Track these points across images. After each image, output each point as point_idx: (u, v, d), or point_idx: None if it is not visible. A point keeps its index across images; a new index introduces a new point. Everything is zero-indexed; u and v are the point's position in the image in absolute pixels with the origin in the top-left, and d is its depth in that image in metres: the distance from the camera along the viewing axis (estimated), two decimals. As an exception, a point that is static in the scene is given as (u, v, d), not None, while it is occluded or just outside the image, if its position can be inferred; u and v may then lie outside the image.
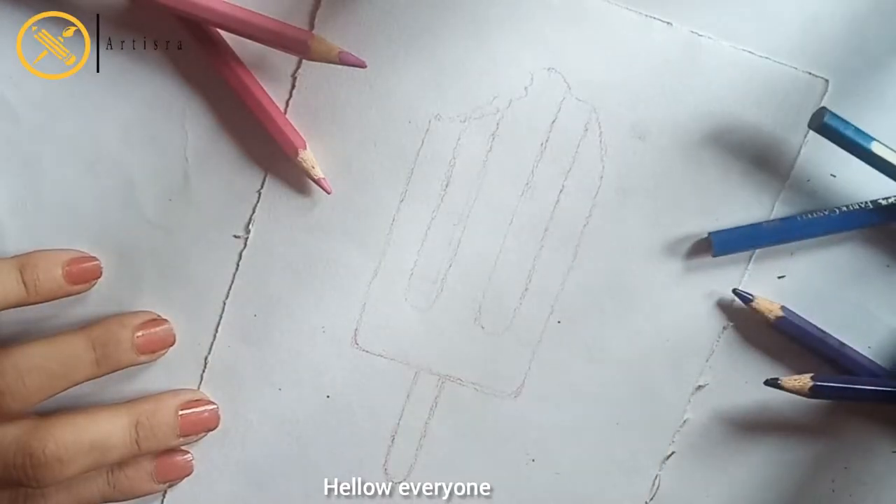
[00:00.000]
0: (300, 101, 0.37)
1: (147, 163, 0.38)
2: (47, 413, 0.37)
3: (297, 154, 0.37)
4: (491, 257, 0.38)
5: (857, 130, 0.35)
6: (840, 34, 0.37)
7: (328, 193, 0.38)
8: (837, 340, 0.39)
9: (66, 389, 0.36)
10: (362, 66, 0.35)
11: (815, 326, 0.39)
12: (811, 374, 0.38)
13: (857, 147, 0.35)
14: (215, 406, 0.39)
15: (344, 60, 0.35)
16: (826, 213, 0.37)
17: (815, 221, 0.37)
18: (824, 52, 0.37)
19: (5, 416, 0.35)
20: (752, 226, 0.38)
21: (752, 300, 0.38)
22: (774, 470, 0.40)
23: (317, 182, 0.37)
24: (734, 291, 0.38)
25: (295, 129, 0.37)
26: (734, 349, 0.39)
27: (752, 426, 0.40)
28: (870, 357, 0.39)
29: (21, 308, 0.36)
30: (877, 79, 0.37)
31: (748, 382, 0.39)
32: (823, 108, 0.35)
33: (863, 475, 0.40)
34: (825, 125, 0.35)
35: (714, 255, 0.38)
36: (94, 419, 0.36)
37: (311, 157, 0.37)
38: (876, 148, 0.35)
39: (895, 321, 0.39)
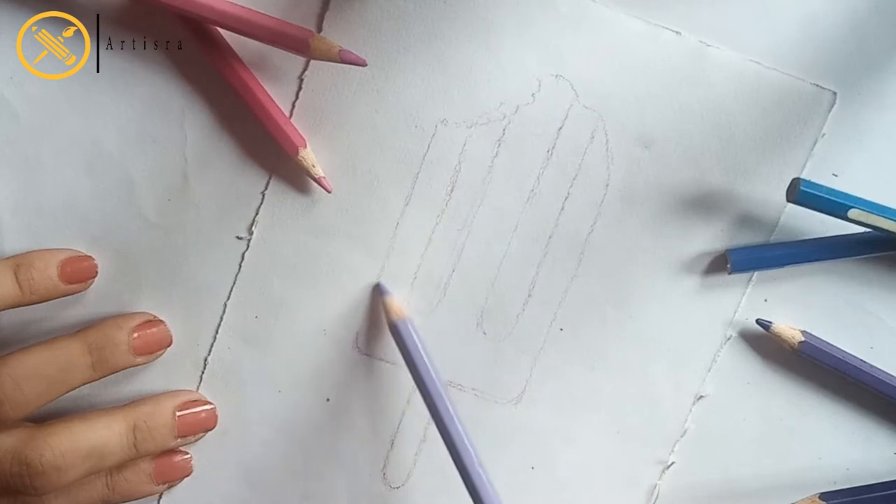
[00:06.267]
0: (306, 103, 0.37)
1: (147, 163, 0.37)
2: (44, 417, 0.37)
3: (297, 153, 0.36)
4: (494, 263, 0.38)
5: (832, 199, 0.35)
6: (849, 47, 0.37)
7: (328, 192, 0.37)
8: (858, 360, 0.39)
9: (63, 394, 0.36)
10: (363, 64, 0.35)
11: (836, 348, 0.39)
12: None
13: (835, 214, 0.35)
14: (213, 406, 0.39)
15: (344, 59, 0.35)
16: (845, 236, 0.38)
17: (834, 245, 0.38)
18: (833, 65, 0.37)
19: (2, 423, 0.35)
20: (770, 246, 0.38)
21: (770, 326, 0.39)
22: (774, 478, 0.41)
23: (317, 181, 0.37)
24: (757, 321, 0.39)
25: (295, 129, 0.37)
26: (736, 359, 0.39)
27: (752, 436, 0.40)
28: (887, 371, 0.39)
29: (19, 309, 0.36)
30: (884, 89, 0.37)
31: (750, 393, 0.40)
32: (798, 178, 0.36)
33: (863, 476, 0.40)
34: (803, 193, 0.35)
35: (731, 273, 0.38)
36: (91, 425, 0.36)
37: (312, 156, 0.37)
38: (853, 214, 0.35)
39: (895, 322, 0.39)
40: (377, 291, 0.39)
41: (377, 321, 0.39)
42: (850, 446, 0.40)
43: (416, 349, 0.36)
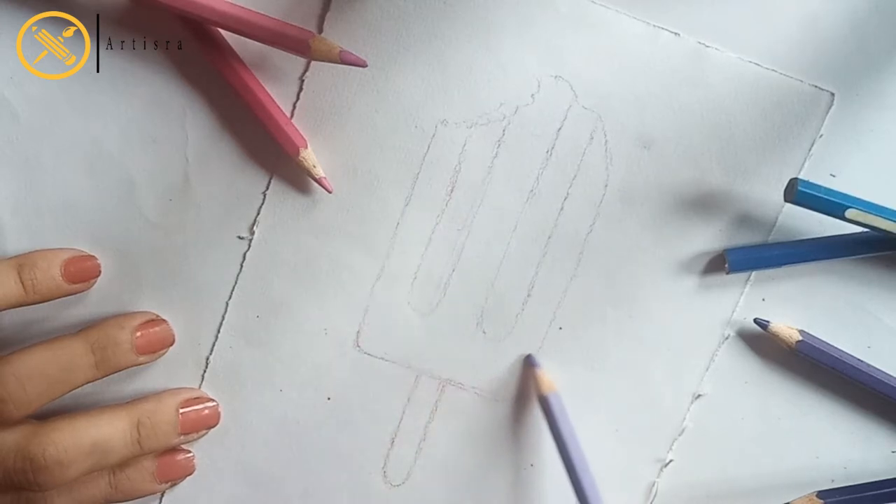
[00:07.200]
0: (307, 103, 0.37)
1: (147, 163, 0.37)
2: (47, 415, 0.37)
3: (297, 153, 0.36)
4: (494, 263, 0.39)
5: (830, 199, 0.35)
6: (848, 47, 0.37)
7: (329, 192, 0.37)
8: (856, 359, 0.39)
9: (66, 393, 0.36)
10: (363, 64, 0.35)
11: (834, 348, 0.39)
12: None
13: (833, 213, 0.36)
14: (215, 403, 0.39)
15: (345, 59, 0.35)
16: (843, 236, 0.38)
17: (831, 245, 0.38)
18: (832, 65, 0.37)
19: (6, 422, 0.35)
20: (767, 246, 0.38)
21: (768, 325, 0.39)
22: (772, 477, 0.41)
23: (318, 181, 0.37)
24: (755, 321, 0.39)
25: (296, 129, 0.37)
26: (734, 358, 0.40)
27: (750, 435, 0.40)
28: (885, 371, 0.39)
29: (22, 308, 0.36)
30: (882, 89, 0.37)
31: (748, 392, 0.40)
32: (796, 178, 0.36)
33: (861, 475, 0.41)
34: (800, 193, 0.35)
35: (728, 273, 0.38)
36: (94, 421, 0.36)
37: (312, 157, 0.37)
38: (851, 214, 0.35)
39: (895, 322, 0.39)
40: (528, 363, 0.39)
41: (378, 320, 0.39)
42: (847, 445, 0.40)
43: (565, 424, 0.37)
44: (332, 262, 0.38)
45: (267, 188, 0.38)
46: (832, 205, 0.35)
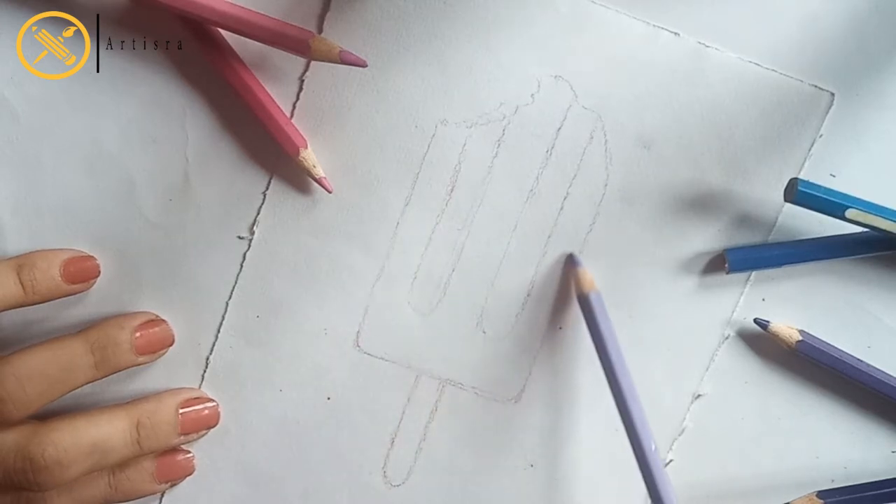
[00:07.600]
0: (307, 103, 0.37)
1: (147, 163, 0.37)
2: (47, 416, 0.37)
3: (297, 153, 0.36)
4: (494, 262, 0.39)
5: (830, 199, 0.35)
6: (848, 47, 0.37)
7: (329, 192, 0.37)
8: (856, 359, 0.39)
9: (66, 394, 0.36)
10: (363, 64, 0.35)
11: (834, 348, 0.39)
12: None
13: (833, 213, 0.36)
14: (215, 403, 0.39)
15: (345, 59, 0.35)
16: (843, 236, 0.38)
17: (831, 245, 0.38)
18: (832, 65, 0.37)
19: (6, 422, 0.35)
20: (767, 245, 0.38)
21: (768, 325, 0.39)
22: (772, 477, 0.41)
23: (318, 181, 0.37)
24: (755, 321, 0.39)
25: (296, 129, 0.37)
26: (734, 358, 0.40)
27: (750, 435, 0.40)
28: (885, 371, 0.39)
29: (22, 308, 0.36)
30: (882, 89, 0.37)
31: (748, 392, 0.40)
32: (796, 178, 0.36)
33: (861, 475, 0.41)
34: (800, 193, 0.35)
35: (728, 273, 0.38)
36: (94, 421, 0.36)
37: (312, 157, 0.37)
38: (851, 214, 0.35)
39: (895, 322, 0.39)
40: (569, 261, 0.38)
41: (378, 320, 0.39)
42: (847, 445, 0.41)
43: (605, 323, 0.36)
44: (332, 262, 0.38)
45: (267, 188, 0.38)
46: (832, 205, 0.35)
